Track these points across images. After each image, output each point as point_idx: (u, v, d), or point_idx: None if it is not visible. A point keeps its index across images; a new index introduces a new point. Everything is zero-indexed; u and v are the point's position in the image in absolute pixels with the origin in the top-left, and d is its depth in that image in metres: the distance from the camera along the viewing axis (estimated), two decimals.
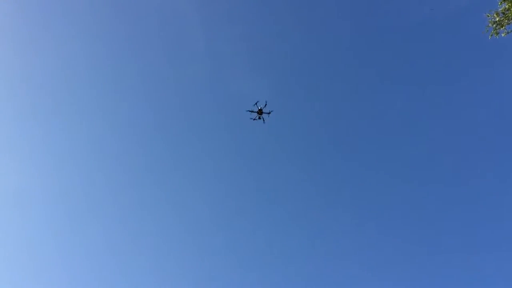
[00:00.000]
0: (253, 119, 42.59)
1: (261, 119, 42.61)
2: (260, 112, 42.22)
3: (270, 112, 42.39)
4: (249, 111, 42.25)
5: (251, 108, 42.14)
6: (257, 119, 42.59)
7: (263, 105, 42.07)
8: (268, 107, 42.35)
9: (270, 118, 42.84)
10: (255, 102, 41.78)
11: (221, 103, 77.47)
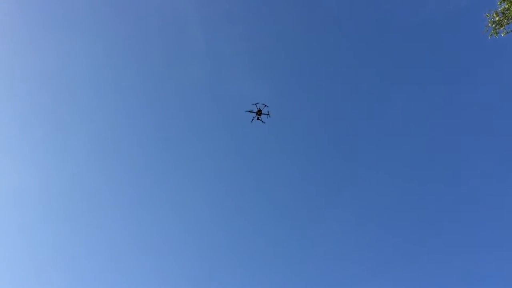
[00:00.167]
0: (252, 119, 42.63)
1: (260, 120, 42.64)
2: (259, 113, 42.30)
3: (269, 113, 42.48)
4: (248, 112, 42.30)
5: (250, 109, 42.21)
6: (255, 120, 42.63)
7: (263, 106, 42.15)
8: (268, 108, 42.39)
9: (270, 118, 42.82)
10: (254, 103, 41.85)
11: (221, 103, 77.58)
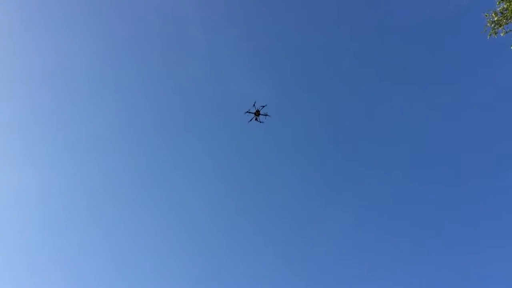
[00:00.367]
0: (250, 120, 42.58)
1: (258, 120, 42.56)
2: (258, 113, 42.27)
3: (267, 114, 42.42)
4: (247, 112, 42.30)
5: (249, 109, 42.18)
6: (254, 120, 42.56)
7: (261, 107, 42.10)
8: (268, 108, 42.23)
9: (271, 118, 42.70)
10: (253, 103, 41.85)
11: (221, 103, 77.46)
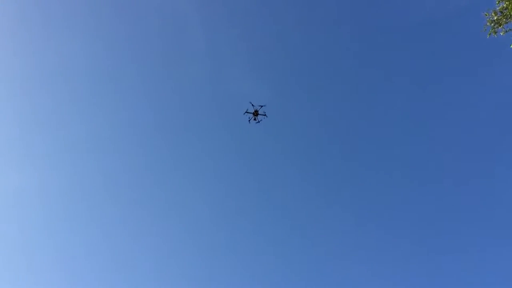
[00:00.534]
0: (249, 120, 42.73)
1: (256, 120, 42.75)
2: (256, 113, 42.37)
3: (265, 114, 42.50)
4: (246, 112, 42.46)
5: (247, 109, 42.37)
6: (252, 120, 42.73)
7: (259, 107, 42.23)
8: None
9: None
10: (251, 103, 41.94)
11: (221, 103, 77.54)
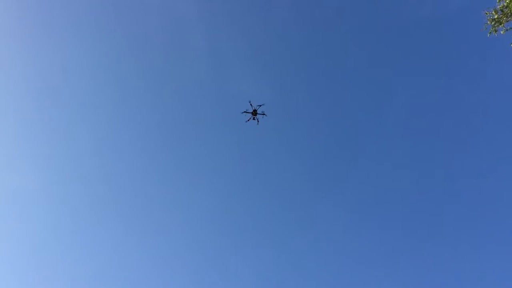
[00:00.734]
0: (247, 120, 42.40)
1: (255, 120, 42.27)
2: (255, 113, 41.97)
3: (264, 113, 42.16)
4: (244, 112, 42.07)
5: (246, 109, 41.97)
6: (251, 120, 42.28)
7: (258, 106, 41.90)
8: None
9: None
10: (250, 103, 41.77)
11: (223, 102, 77.12)
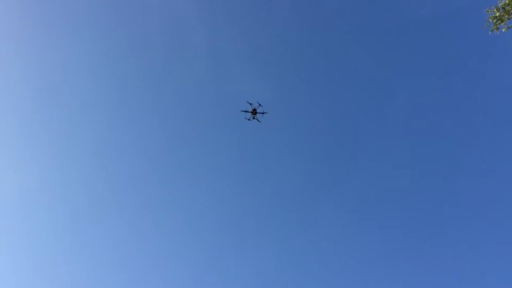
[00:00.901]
0: (247, 119, 42.63)
1: (255, 119, 42.67)
2: (254, 112, 42.26)
3: (264, 112, 42.37)
4: (244, 111, 42.35)
5: (245, 108, 42.29)
6: (251, 119, 42.62)
7: (257, 105, 42.17)
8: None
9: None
10: (249, 103, 41.88)
11: (223, 102, 77.17)
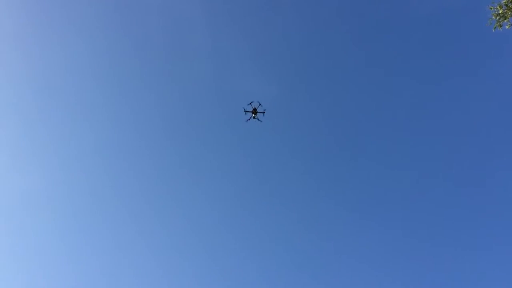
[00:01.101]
0: (248, 119, 42.92)
1: (256, 119, 42.98)
2: (255, 112, 42.56)
3: (264, 112, 42.59)
4: (244, 111, 42.68)
5: (246, 108, 42.61)
6: (252, 119, 42.92)
7: (258, 104, 42.45)
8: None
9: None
10: (249, 102, 42.13)
11: (226, 101, 76.79)
